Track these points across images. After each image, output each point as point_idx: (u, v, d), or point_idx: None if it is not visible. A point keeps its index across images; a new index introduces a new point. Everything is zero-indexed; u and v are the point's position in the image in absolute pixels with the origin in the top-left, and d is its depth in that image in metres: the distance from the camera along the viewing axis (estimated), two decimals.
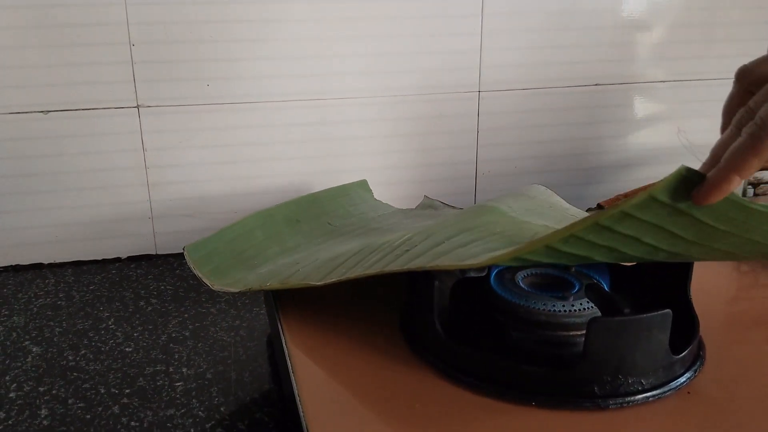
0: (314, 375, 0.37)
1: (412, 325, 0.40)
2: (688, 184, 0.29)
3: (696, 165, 0.31)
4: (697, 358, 0.37)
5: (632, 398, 0.34)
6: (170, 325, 0.51)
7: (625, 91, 0.71)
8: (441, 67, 0.66)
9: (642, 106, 0.72)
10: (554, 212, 0.46)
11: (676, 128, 0.70)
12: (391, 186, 0.68)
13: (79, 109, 0.59)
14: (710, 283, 0.48)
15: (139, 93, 0.60)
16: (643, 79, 0.71)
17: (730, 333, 0.42)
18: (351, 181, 0.63)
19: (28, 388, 0.43)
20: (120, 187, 0.62)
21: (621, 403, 0.33)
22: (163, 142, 0.61)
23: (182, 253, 0.64)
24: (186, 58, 0.60)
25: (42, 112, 0.59)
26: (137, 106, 0.60)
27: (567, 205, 0.50)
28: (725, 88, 0.72)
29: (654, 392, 0.34)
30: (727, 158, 0.31)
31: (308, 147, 0.65)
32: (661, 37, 0.70)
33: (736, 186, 0.31)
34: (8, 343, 0.49)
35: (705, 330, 0.39)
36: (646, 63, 0.70)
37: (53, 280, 0.59)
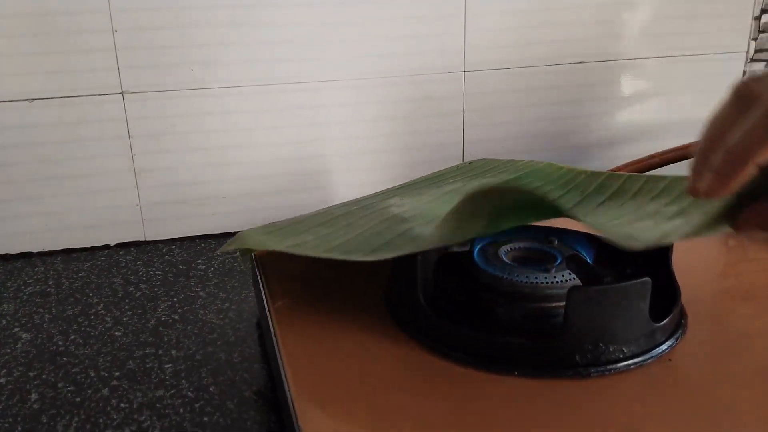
0: (301, 353, 0.37)
1: (397, 300, 0.41)
2: None
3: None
4: (679, 327, 0.37)
5: (613, 366, 0.34)
6: (159, 309, 0.52)
7: (610, 69, 0.71)
8: (426, 49, 0.66)
9: (627, 83, 0.72)
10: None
11: None
12: (378, 170, 0.68)
13: (63, 97, 0.59)
14: (698, 258, 0.48)
15: (123, 79, 0.60)
16: (628, 56, 0.71)
17: (714, 305, 0.42)
18: (339, 165, 0.62)
19: (18, 374, 0.44)
20: (107, 174, 0.62)
21: (602, 371, 0.34)
22: (148, 129, 0.61)
23: (170, 239, 0.64)
24: (169, 44, 0.60)
25: (27, 100, 0.58)
26: (122, 93, 0.60)
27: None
28: (710, 63, 0.73)
29: (635, 360, 0.34)
30: (741, 141, 0.27)
31: (294, 131, 0.65)
32: (645, 14, 0.70)
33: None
34: None
35: (690, 302, 0.39)
36: (630, 40, 0.70)
37: (42, 268, 0.59)
